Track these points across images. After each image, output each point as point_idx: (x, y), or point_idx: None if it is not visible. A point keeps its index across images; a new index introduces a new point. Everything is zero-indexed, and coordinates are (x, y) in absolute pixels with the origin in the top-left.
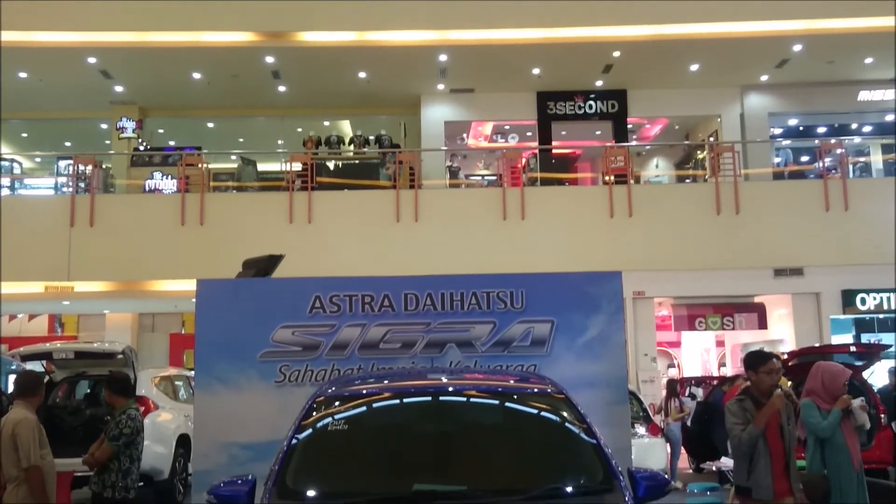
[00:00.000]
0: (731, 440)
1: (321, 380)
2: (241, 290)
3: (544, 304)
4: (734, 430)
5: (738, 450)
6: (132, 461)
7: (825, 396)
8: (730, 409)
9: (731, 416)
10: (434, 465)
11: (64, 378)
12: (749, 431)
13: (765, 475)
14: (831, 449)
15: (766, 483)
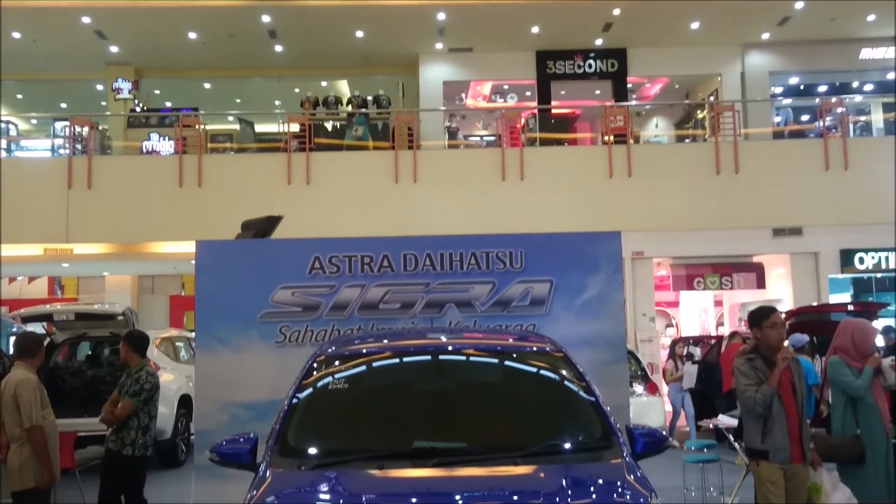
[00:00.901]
0: (744, 402)
1: (321, 340)
2: (241, 252)
3: (543, 263)
4: (747, 391)
5: (752, 411)
6: (150, 418)
7: (854, 354)
8: (739, 369)
9: (742, 377)
10: (434, 423)
11: (65, 339)
12: (763, 391)
13: (782, 437)
14: (863, 409)
15: (783, 445)
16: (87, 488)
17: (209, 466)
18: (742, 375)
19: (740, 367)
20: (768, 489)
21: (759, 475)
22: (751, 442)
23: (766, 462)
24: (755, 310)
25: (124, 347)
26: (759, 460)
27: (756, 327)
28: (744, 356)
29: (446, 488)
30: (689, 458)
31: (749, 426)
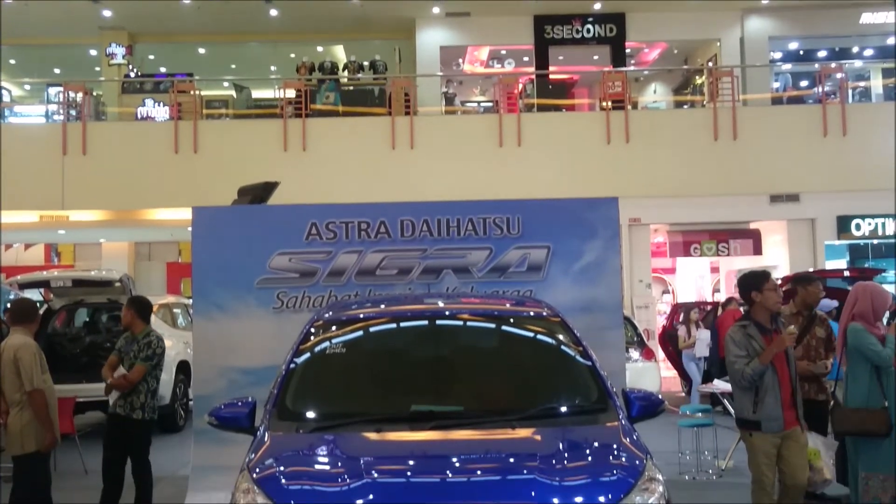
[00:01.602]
0: (733, 374)
1: (318, 306)
2: (237, 218)
3: (541, 229)
4: (737, 363)
5: (740, 383)
6: (157, 382)
7: (872, 319)
8: (732, 338)
9: (734, 347)
10: (431, 387)
11: (62, 306)
12: (753, 367)
13: (774, 406)
14: (888, 379)
15: (776, 414)
16: (87, 453)
17: (208, 431)
18: (734, 345)
19: (733, 336)
20: (761, 460)
21: (752, 446)
22: (742, 412)
23: (759, 433)
24: (751, 273)
25: (129, 313)
26: (752, 431)
27: (756, 290)
28: (737, 324)
29: (443, 451)
30: (684, 422)
31: (740, 396)
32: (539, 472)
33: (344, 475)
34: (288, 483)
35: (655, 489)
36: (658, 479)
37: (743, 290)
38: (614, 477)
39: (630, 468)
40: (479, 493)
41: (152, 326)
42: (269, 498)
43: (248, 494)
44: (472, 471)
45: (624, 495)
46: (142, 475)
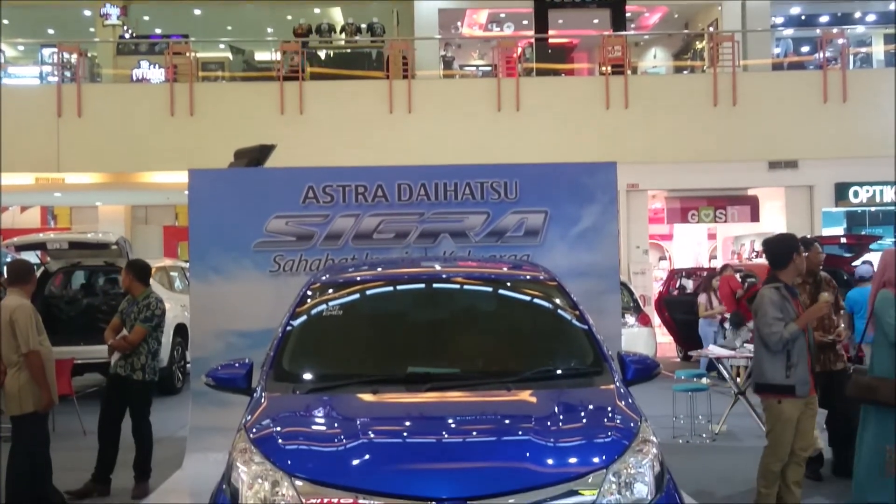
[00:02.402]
0: (768, 335)
1: (315, 269)
2: (234, 180)
3: (538, 194)
4: (775, 325)
5: (775, 346)
6: (158, 343)
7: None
8: (771, 298)
9: (773, 309)
10: (427, 350)
11: (59, 268)
12: (790, 330)
13: (805, 371)
14: None
15: (807, 378)
16: (85, 415)
17: (206, 393)
18: (772, 307)
19: (771, 297)
20: (785, 427)
21: (780, 412)
22: (774, 378)
23: (791, 398)
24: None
25: (127, 276)
26: (783, 396)
27: (796, 252)
28: (771, 285)
29: (439, 412)
30: (679, 387)
31: (770, 361)
32: (534, 434)
33: (340, 436)
34: (285, 443)
35: (649, 451)
36: (652, 441)
37: (780, 252)
38: (608, 439)
39: (624, 430)
40: (475, 454)
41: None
42: (266, 458)
43: (245, 454)
44: (467, 432)
45: (618, 456)
46: (142, 435)
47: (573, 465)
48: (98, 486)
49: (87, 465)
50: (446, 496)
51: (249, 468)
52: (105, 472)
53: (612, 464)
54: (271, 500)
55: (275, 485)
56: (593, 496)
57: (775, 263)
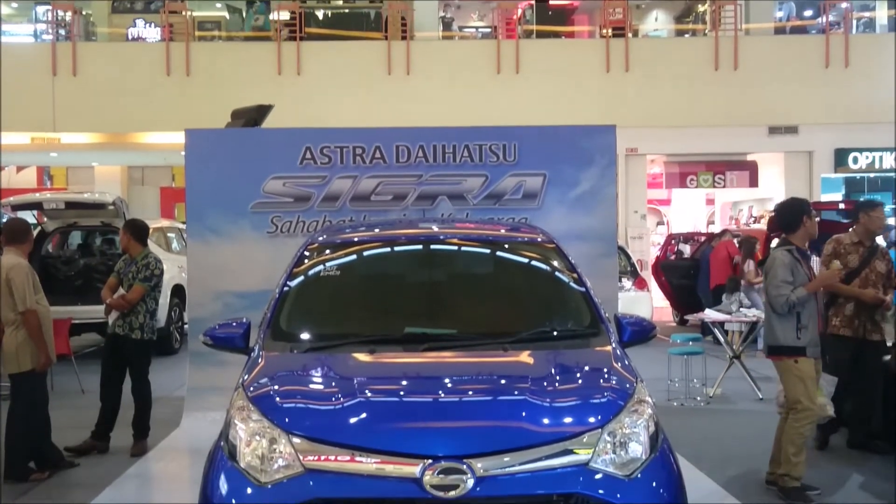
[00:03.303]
0: (776, 298)
1: (313, 231)
2: (231, 141)
3: (537, 157)
4: (783, 288)
5: (780, 308)
6: (156, 303)
7: None
8: (782, 261)
9: (783, 272)
10: (425, 311)
11: (56, 228)
12: (798, 294)
13: (815, 333)
14: None
15: (817, 340)
16: (84, 374)
17: (203, 353)
18: (783, 269)
19: (783, 259)
20: (807, 385)
21: (800, 372)
22: (786, 339)
23: (804, 358)
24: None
25: (125, 236)
26: (797, 357)
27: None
28: (783, 248)
29: (436, 372)
30: (675, 350)
31: (781, 323)
32: (530, 394)
33: (338, 394)
34: (282, 401)
35: (644, 411)
36: (647, 402)
37: (790, 216)
38: (604, 399)
39: (620, 391)
40: (471, 413)
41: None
42: (264, 415)
43: (243, 412)
44: (464, 391)
45: (613, 416)
46: (141, 394)
47: (568, 424)
48: (97, 443)
49: (85, 423)
50: (442, 454)
51: (247, 425)
52: (104, 431)
53: (607, 424)
54: (269, 457)
55: (272, 442)
56: (588, 455)
57: (786, 227)
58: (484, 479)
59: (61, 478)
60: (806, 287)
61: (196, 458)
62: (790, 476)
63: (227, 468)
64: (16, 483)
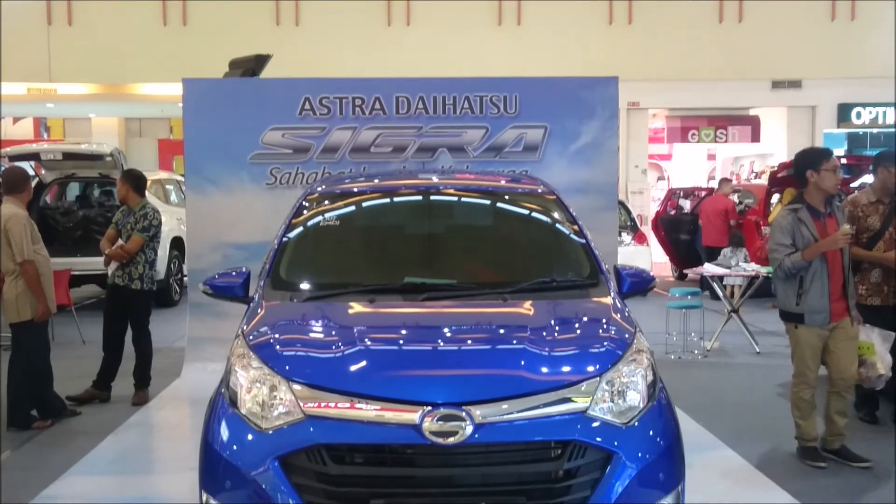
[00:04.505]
0: (771, 261)
1: (312, 182)
2: (229, 91)
3: (538, 109)
4: (777, 251)
5: (776, 271)
6: (155, 253)
7: None
8: (780, 223)
9: (779, 234)
10: (424, 261)
11: (54, 180)
12: (794, 260)
13: (819, 298)
14: None
15: (821, 307)
16: (84, 325)
17: (203, 305)
18: (779, 232)
19: (780, 221)
20: (806, 353)
21: (798, 338)
22: (785, 304)
23: (804, 326)
24: (809, 150)
25: (124, 187)
26: (796, 323)
27: (812, 169)
28: (788, 207)
29: (435, 322)
30: (673, 304)
31: (783, 287)
32: (529, 343)
33: (338, 342)
34: (282, 349)
35: (643, 360)
36: (646, 352)
37: (798, 167)
38: (603, 348)
39: (619, 340)
40: (470, 361)
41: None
42: (264, 363)
43: (244, 359)
44: (463, 340)
45: (611, 365)
46: (142, 344)
47: (567, 373)
48: (99, 392)
49: (87, 373)
50: (441, 401)
51: (248, 373)
52: (106, 380)
53: (605, 372)
54: (269, 404)
55: (273, 389)
56: (586, 403)
57: (798, 182)
58: (482, 426)
59: (64, 426)
60: (803, 253)
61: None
62: (801, 437)
63: (228, 415)
64: (19, 431)
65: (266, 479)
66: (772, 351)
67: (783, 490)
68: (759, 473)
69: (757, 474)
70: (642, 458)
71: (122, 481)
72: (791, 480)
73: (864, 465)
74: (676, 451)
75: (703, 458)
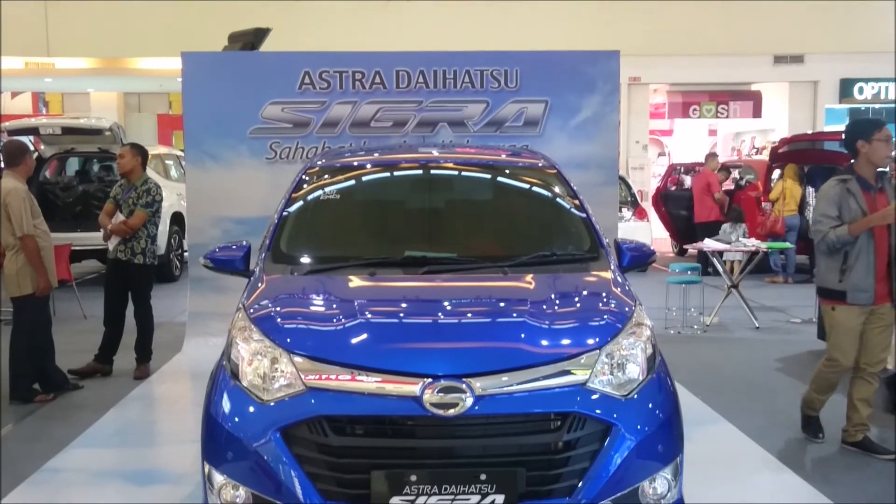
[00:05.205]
0: (814, 233)
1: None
2: (228, 65)
3: (539, 83)
4: (821, 223)
5: (819, 245)
6: (157, 228)
7: None
8: (826, 193)
9: (825, 205)
10: (425, 234)
11: (53, 154)
12: (839, 234)
13: (865, 276)
14: None
15: (866, 285)
16: (85, 300)
17: (204, 279)
18: (825, 202)
19: (827, 192)
20: (842, 338)
21: (835, 320)
22: (826, 281)
23: (844, 306)
24: (861, 120)
25: (135, 158)
26: (836, 303)
27: (863, 139)
28: (836, 177)
29: (436, 295)
30: (672, 279)
31: (825, 262)
32: (529, 316)
33: (339, 315)
34: (283, 322)
35: (642, 333)
36: (645, 325)
37: (848, 137)
38: (603, 321)
39: (618, 313)
40: (470, 334)
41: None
42: (265, 335)
43: (245, 332)
44: (463, 313)
45: (611, 338)
46: (143, 319)
47: (567, 345)
48: (101, 366)
49: (88, 347)
50: (442, 373)
51: (249, 345)
52: (108, 354)
53: (605, 345)
54: (270, 376)
55: (274, 361)
56: (586, 375)
57: (848, 151)
58: (482, 397)
59: (66, 399)
60: (850, 227)
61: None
62: (808, 406)
63: (229, 387)
64: (21, 404)
65: (268, 450)
66: (771, 326)
67: (781, 463)
68: (758, 447)
69: (756, 448)
70: (641, 430)
71: (125, 454)
72: (789, 453)
73: (889, 458)
74: (675, 424)
75: (702, 431)
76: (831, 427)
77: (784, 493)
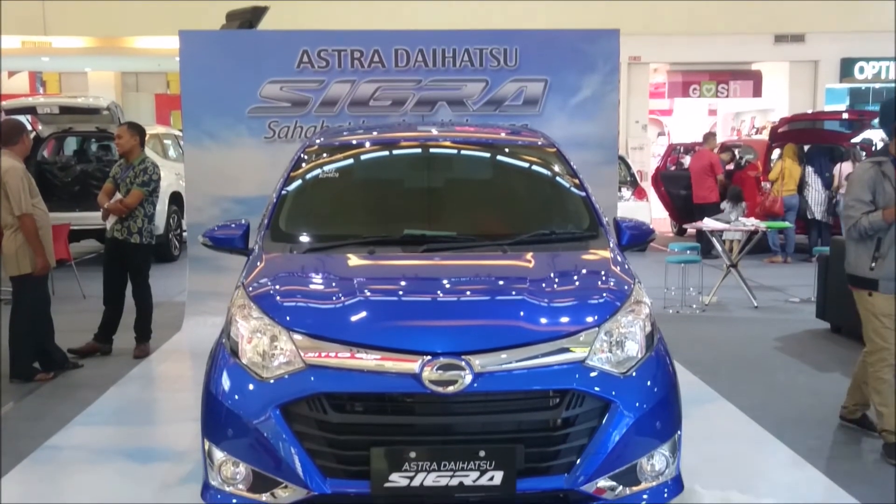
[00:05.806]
0: (846, 218)
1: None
2: (227, 43)
3: (538, 62)
4: (854, 208)
5: (850, 231)
6: (154, 207)
7: None
8: (860, 176)
9: (859, 189)
10: (424, 213)
11: (51, 134)
12: (872, 219)
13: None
14: None
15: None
16: (84, 280)
17: (203, 259)
18: (859, 186)
19: (861, 175)
20: (880, 322)
21: (870, 307)
22: (858, 268)
23: (877, 293)
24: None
25: (133, 138)
26: (869, 290)
27: None
28: (870, 159)
29: (435, 273)
30: (672, 258)
31: (855, 249)
32: (528, 294)
33: (338, 293)
34: (283, 300)
35: (642, 311)
36: (644, 303)
37: (884, 117)
38: (602, 299)
39: (618, 291)
40: (469, 312)
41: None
42: (265, 313)
43: (244, 309)
44: (462, 291)
45: (610, 316)
46: (142, 298)
47: (566, 323)
48: (100, 345)
49: (88, 326)
50: (441, 350)
51: (248, 323)
52: (108, 333)
53: (604, 323)
54: (270, 354)
55: (273, 339)
56: (584, 353)
57: (886, 133)
58: (481, 375)
59: (66, 378)
60: (884, 213)
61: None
62: (884, 430)
63: (229, 365)
64: (22, 383)
65: (267, 427)
66: (769, 305)
67: (779, 441)
68: (757, 425)
69: (754, 426)
70: (639, 407)
71: (125, 432)
72: (786, 431)
73: None
74: (673, 401)
75: (701, 409)
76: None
77: (781, 470)
